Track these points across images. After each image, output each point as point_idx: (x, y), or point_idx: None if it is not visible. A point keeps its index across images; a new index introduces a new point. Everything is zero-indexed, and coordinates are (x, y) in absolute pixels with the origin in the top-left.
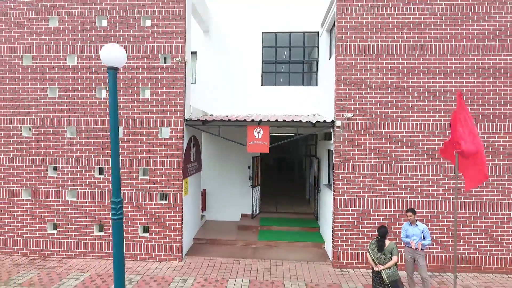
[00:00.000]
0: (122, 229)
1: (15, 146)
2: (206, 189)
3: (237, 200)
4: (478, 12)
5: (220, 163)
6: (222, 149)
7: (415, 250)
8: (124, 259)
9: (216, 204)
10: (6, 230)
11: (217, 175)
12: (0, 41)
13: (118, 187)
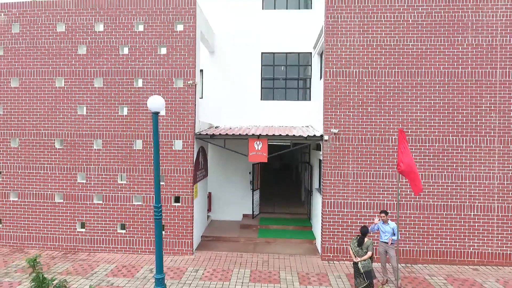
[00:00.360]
0: (161, 226)
1: (49, 156)
2: (211, 192)
3: (239, 202)
4: (444, 43)
5: (224, 169)
6: (226, 157)
7: (386, 244)
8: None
9: (220, 205)
10: (41, 228)
11: (221, 180)
12: (37, 66)
13: (159, 197)
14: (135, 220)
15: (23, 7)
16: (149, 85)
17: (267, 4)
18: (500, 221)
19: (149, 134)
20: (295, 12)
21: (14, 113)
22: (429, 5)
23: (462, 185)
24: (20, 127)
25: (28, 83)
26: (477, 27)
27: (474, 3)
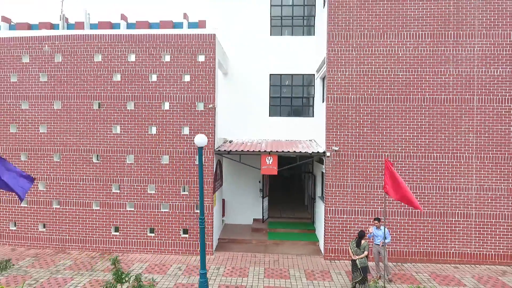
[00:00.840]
0: (204, 233)
1: (88, 169)
2: (225, 199)
3: (249, 208)
4: (429, 74)
5: (236, 178)
6: (238, 168)
7: (379, 246)
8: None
9: (233, 211)
10: (81, 232)
11: (234, 188)
12: (77, 91)
13: (203, 210)
14: (162, 225)
15: (65, 40)
16: (175, 108)
17: (274, 31)
18: (477, 226)
19: (175, 151)
20: (299, 38)
21: (57, 131)
22: (416, 41)
23: (444, 195)
24: (62, 143)
25: (69, 106)
26: (458, 60)
27: (455, 39)
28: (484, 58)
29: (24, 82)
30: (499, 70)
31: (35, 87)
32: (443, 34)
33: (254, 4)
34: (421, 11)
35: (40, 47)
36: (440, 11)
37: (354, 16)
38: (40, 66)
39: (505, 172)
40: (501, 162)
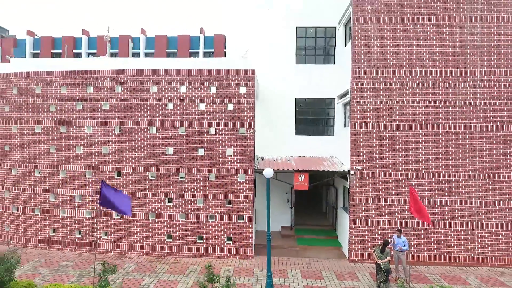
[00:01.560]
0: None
1: (144, 185)
2: (256, 208)
3: (278, 216)
4: (438, 104)
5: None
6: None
7: (398, 251)
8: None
9: (263, 219)
10: (139, 239)
11: (263, 197)
12: (135, 117)
13: (269, 226)
14: (209, 233)
15: (124, 73)
16: (220, 133)
17: (299, 60)
18: (479, 234)
19: (220, 169)
20: (320, 66)
21: (117, 152)
22: (427, 76)
23: (451, 207)
24: (122, 163)
25: (128, 130)
26: (462, 93)
27: (460, 75)
28: (485, 91)
29: (88, 109)
30: (498, 101)
31: (98, 114)
32: (450, 70)
33: (282, 37)
34: (431, 51)
35: (103, 79)
36: (447, 51)
37: (374, 55)
38: (103, 96)
39: (503, 189)
40: (500, 180)
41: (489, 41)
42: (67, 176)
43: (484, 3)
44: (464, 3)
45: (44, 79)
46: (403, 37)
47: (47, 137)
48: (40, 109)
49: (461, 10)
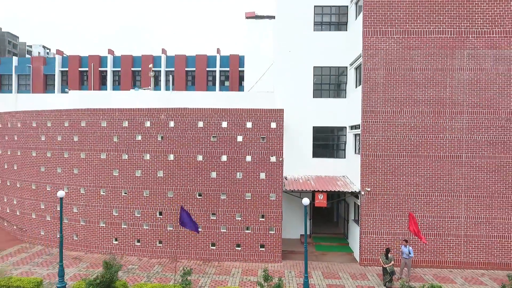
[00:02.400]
0: (307, 254)
1: (192, 202)
2: None
3: (298, 226)
4: (432, 139)
5: (288, 204)
6: (291, 197)
7: (405, 258)
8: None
9: (285, 228)
10: (188, 247)
11: (286, 209)
12: (185, 148)
13: (306, 242)
14: (246, 241)
15: (176, 111)
16: (255, 160)
17: (316, 94)
18: (465, 243)
19: (255, 190)
20: (334, 100)
21: (170, 175)
22: (423, 115)
23: (443, 221)
24: (174, 184)
25: (179, 158)
26: (452, 129)
27: (450, 115)
28: (470, 128)
29: (146, 140)
30: (480, 137)
31: (154, 144)
32: (441, 111)
33: (301, 75)
34: (427, 95)
35: (158, 116)
36: (439, 95)
37: (380, 97)
38: (158, 129)
39: (484, 207)
40: (481, 199)
41: (473, 87)
42: (128, 194)
43: (469, 57)
44: (453, 57)
45: (109, 115)
46: (404, 83)
47: (111, 163)
48: (105, 139)
49: (450, 62)
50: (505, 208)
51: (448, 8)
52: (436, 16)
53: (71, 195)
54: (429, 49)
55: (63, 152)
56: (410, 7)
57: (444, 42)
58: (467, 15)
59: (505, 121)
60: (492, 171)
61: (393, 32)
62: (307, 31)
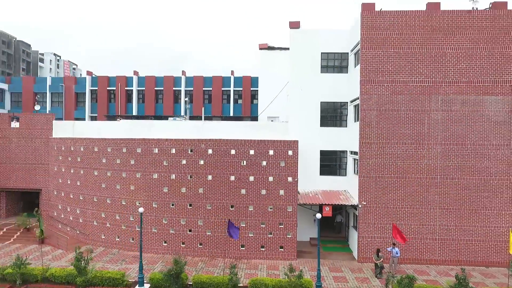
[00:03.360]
0: (320, 258)
1: (227, 213)
2: None
3: (308, 230)
4: (415, 161)
5: (300, 213)
6: (302, 208)
7: (393, 257)
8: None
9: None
10: (223, 247)
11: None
12: (218, 169)
13: (319, 251)
14: (268, 243)
15: (213, 142)
16: (275, 180)
17: (322, 124)
18: (439, 244)
19: (276, 203)
20: (337, 128)
21: (209, 191)
22: (407, 146)
23: (421, 228)
24: (211, 198)
25: (216, 178)
26: (429, 157)
27: (427, 145)
28: (443, 156)
29: (190, 164)
30: (450, 162)
31: (196, 167)
32: (421, 143)
33: (311, 108)
34: (410, 132)
35: (199, 145)
36: (420, 132)
37: (373, 133)
38: (199, 155)
39: (454, 217)
40: (452, 211)
41: (445, 125)
42: (175, 206)
43: (442, 101)
44: (430, 101)
45: (160, 144)
46: (392, 121)
47: (161, 181)
48: (157, 163)
49: (428, 105)
50: (470, 218)
51: (426, 63)
52: (416, 69)
53: (128, 207)
54: (412, 95)
55: (122, 172)
56: (396, 61)
57: (423, 89)
58: (441, 69)
59: (469, 151)
60: (460, 190)
61: (383, 81)
62: (315, 72)
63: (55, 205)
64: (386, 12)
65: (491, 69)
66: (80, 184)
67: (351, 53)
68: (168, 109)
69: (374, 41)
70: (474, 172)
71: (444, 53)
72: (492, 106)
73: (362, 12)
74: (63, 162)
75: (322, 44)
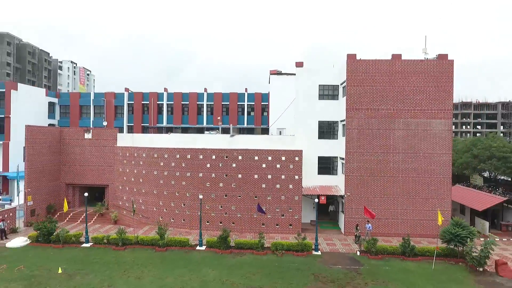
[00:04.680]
0: (318, 236)
1: (252, 201)
2: None
3: (309, 214)
4: (385, 164)
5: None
6: (305, 198)
7: (367, 230)
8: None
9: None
10: (250, 225)
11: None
12: (247, 173)
13: (317, 227)
14: (282, 223)
15: (243, 151)
16: (286, 178)
17: (320, 136)
18: (400, 223)
19: (286, 194)
20: (331, 140)
21: (239, 186)
22: (381, 153)
23: (389, 212)
24: (241, 191)
25: (245, 178)
26: (396, 161)
27: (392, 153)
28: (404, 162)
29: (225, 166)
30: (408, 166)
31: (230, 169)
32: (387, 152)
33: (311, 124)
34: (379, 143)
35: (232, 153)
36: (388, 143)
37: (356, 146)
38: (231, 160)
39: (412, 203)
40: (411, 199)
41: (405, 140)
42: (215, 197)
43: (403, 123)
44: (395, 122)
45: (204, 152)
46: (368, 137)
47: (205, 179)
48: (201, 165)
49: (393, 126)
50: (421, 204)
51: (391, 96)
52: (385, 100)
53: (180, 197)
54: (382, 118)
55: (175, 172)
56: (371, 95)
57: (390, 114)
58: (401, 100)
59: (421, 158)
60: (414, 184)
61: (362, 109)
62: (314, 99)
63: (121, 196)
64: (363, 60)
65: (436, 101)
66: (142, 181)
67: (340, 86)
68: (193, 120)
69: (356, 80)
70: (424, 173)
71: (404, 89)
72: (436, 127)
73: (347, 60)
74: (127, 164)
75: (320, 78)
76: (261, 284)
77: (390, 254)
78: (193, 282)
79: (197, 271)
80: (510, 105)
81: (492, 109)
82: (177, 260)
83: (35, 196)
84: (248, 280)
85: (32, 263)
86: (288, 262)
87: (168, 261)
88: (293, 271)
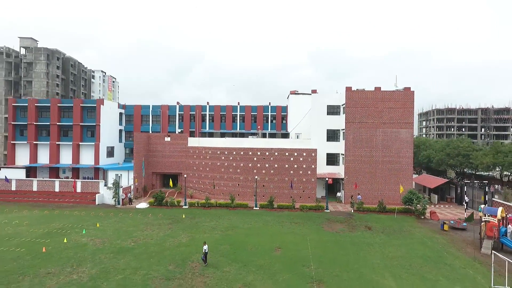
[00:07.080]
0: (328, 201)
1: (283, 183)
2: None
3: (320, 191)
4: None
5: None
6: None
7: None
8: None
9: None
10: (279, 198)
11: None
12: (279, 175)
13: (327, 202)
14: (304, 195)
15: (278, 149)
16: (306, 167)
17: (328, 139)
18: (380, 196)
19: (306, 178)
20: (336, 142)
21: (274, 173)
22: (369, 151)
23: (372, 190)
24: (274, 175)
25: (279, 166)
26: (377, 156)
27: (375, 150)
28: (381, 160)
29: (263, 159)
30: (384, 163)
31: (268, 161)
32: (371, 153)
33: (320, 130)
34: (365, 146)
35: (270, 150)
36: (370, 147)
37: (351, 146)
38: (270, 155)
39: (386, 183)
40: (384, 181)
41: (383, 144)
42: (259, 179)
43: (383, 132)
44: (376, 132)
45: (251, 150)
46: (359, 142)
47: (252, 168)
48: (249, 159)
49: (375, 134)
50: (392, 183)
51: (374, 114)
52: (370, 117)
53: (233, 181)
54: (368, 128)
55: (232, 163)
56: (361, 113)
57: (374, 126)
58: (381, 116)
59: (393, 154)
60: (389, 172)
61: (355, 122)
62: (323, 114)
63: (191, 180)
64: (356, 91)
65: (402, 117)
66: (208, 169)
67: (341, 106)
68: (229, 126)
69: (351, 103)
70: (395, 163)
71: (382, 109)
72: (403, 134)
73: (346, 91)
74: (196, 159)
75: (327, 100)
76: (297, 221)
77: (371, 211)
78: (258, 222)
79: (258, 217)
80: (488, 111)
81: (473, 114)
82: (244, 214)
83: (138, 179)
84: (290, 220)
85: (164, 214)
86: (310, 214)
87: (239, 214)
88: (314, 218)
